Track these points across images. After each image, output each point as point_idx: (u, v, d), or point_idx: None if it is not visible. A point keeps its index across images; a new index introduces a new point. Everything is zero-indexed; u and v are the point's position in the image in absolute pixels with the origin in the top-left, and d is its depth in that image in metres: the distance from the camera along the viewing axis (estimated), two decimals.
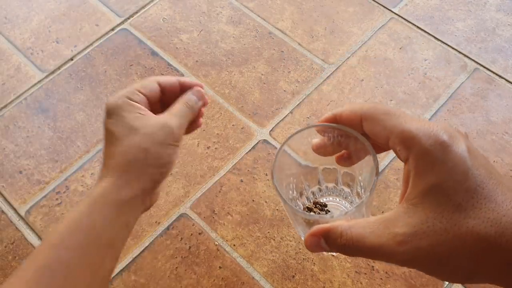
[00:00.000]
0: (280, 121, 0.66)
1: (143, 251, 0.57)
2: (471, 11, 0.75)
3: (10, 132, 0.66)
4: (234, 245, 0.57)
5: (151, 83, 0.36)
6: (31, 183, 0.62)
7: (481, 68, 0.70)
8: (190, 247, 0.57)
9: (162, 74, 0.70)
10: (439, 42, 0.72)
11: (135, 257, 0.56)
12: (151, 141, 0.33)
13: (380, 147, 0.27)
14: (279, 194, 0.28)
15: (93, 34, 0.74)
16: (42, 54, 0.72)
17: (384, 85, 0.68)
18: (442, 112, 0.66)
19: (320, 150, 0.29)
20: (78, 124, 0.66)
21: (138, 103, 0.35)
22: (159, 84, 0.37)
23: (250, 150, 0.63)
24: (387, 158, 0.63)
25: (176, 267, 0.55)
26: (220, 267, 0.55)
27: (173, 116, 0.35)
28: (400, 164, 0.62)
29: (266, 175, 0.54)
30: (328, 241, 0.24)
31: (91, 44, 0.73)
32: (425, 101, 0.67)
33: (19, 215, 0.60)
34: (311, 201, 0.35)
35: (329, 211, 0.33)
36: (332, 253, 0.29)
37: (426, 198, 0.23)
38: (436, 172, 0.22)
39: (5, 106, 0.68)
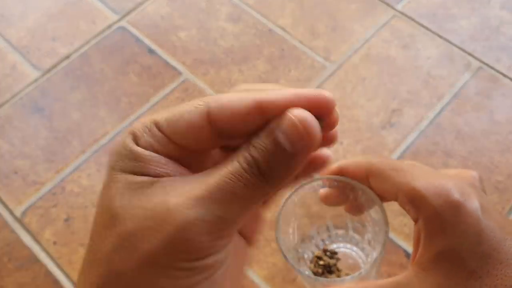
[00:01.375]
0: None
1: None
2: (475, 8, 0.74)
3: (5, 132, 0.65)
4: None
5: (200, 106, 0.18)
6: (27, 184, 0.61)
7: (485, 66, 0.69)
8: None
9: (160, 73, 0.69)
10: (442, 40, 0.71)
11: None
12: (129, 257, 0.16)
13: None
14: (284, 256, 0.27)
15: (89, 32, 0.73)
16: (38, 53, 0.71)
17: (387, 83, 0.67)
18: (446, 112, 0.65)
19: (328, 200, 0.28)
20: (75, 124, 0.65)
21: (147, 151, 0.18)
22: (221, 109, 0.18)
23: None
24: (390, 157, 0.62)
25: None
26: None
27: (207, 191, 0.17)
28: None
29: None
30: None
31: (88, 42, 0.72)
32: (429, 100, 0.66)
33: (14, 216, 0.59)
34: (321, 249, 0.34)
35: (339, 259, 0.33)
36: None
37: (437, 263, 0.21)
38: (447, 235, 0.21)
39: (0, 106, 0.67)
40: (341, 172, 0.26)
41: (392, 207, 0.42)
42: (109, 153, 0.19)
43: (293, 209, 0.29)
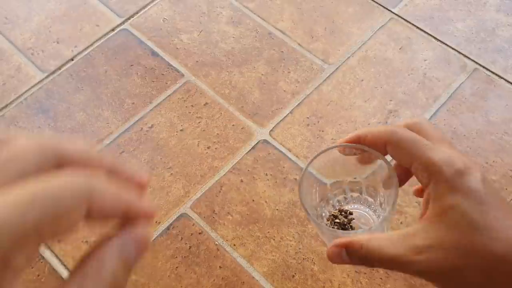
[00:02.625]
0: (280, 121, 0.66)
1: None
2: (471, 11, 0.75)
3: (11, 133, 0.66)
4: (234, 245, 0.57)
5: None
6: None
7: (481, 68, 0.70)
8: (190, 247, 0.57)
9: (163, 75, 0.70)
10: (438, 43, 0.72)
11: None
12: None
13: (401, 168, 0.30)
14: (307, 213, 0.31)
15: (93, 35, 0.74)
16: (42, 54, 0.72)
17: (384, 85, 0.69)
18: (442, 112, 0.66)
19: (361, 161, 0.31)
20: (79, 125, 0.66)
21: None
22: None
23: (250, 150, 0.63)
24: (387, 157, 0.63)
25: (176, 267, 0.56)
26: (220, 267, 0.55)
27: None
28: None
29: (266, 175, 0.54)
30: (349, 252, 0.26)
31: (92, 44, 0.73)
32: (425, 101, 0.67)
33: None
34: (337, 209, 0.37)
35: (353, 219, 0.36)
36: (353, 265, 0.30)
37: (443, 217, 0.25)
38: (453, 195, 0.25)
39: (5, 106, 0.68)
40: (359, 140, 0.29)
41: None
42: None
43: (315, 172, 0.32)
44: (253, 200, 0.60)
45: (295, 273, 0.55)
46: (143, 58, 0.71)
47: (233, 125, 0.65)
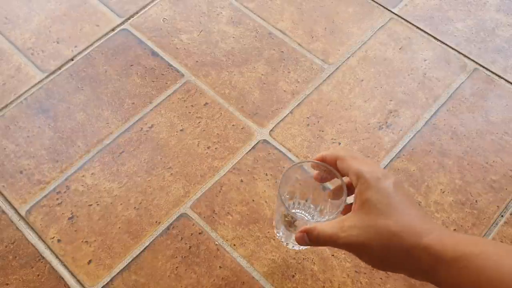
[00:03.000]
0: (280, 121, 0.66)
1: (143, 250, 0.57)
2: (471, 11, 0.76)
3: (11, 132, 0.66)
4: (234, 245, 0.57)
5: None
6: (32, 183, 0.62)
7: (481, 68, 0.70)
8: (190, 247, 0.57)
9: (163, 75, 0.70)
10: (438, 43, 0.72)
11: (135, 256, 0.56)
12: None
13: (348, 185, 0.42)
14: (282, 202, 0.43)
15: (93, 34, 0.74)
16: (42, 54, 0.72)
17: (384, 85, 0.69)
18: (442, 112, 0.66)
19: (317, 178, 0.44)
20: (79, 124, 0.66)
21: None
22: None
23: (250, 150, 0.63)
24: (387, 157, 0.63)
25: (176, 267, 0.56)
26: (220, 267, 0.55)
27: None
28: (399, 165, 0.62)
29: (266, 175, 0.54)
30: (308, 235, 0.38)
31: (92, 44, 0.73)
32: (425, 101, 0.67)
33: (19, 215, 0.60)
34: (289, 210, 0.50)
35: (296, 220, 0.47)
36: (310, 246, 0.47)
37: (362, 208, 0.36)
38: (369, 193, 0.36)
39: (5, 106, 0.68)
40: (321, 158, 0.42)
41: None
42: None
43: (287, 179, 0.46)
44: (253, 200, 0.60)
45: (295, 273, 0.55)
46: (143, 58, 0.71)
47: (233, 125, 0.66)
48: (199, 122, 0.66)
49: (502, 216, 0.59)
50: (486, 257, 0.29)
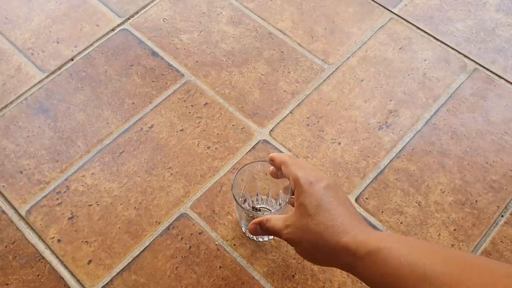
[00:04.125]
0: (280, 121, 0.66)
1: (143, 250, 0.57)
2: (471, 11, 0.76)
3: (11, 132, 0.66)
4: (234, 245, 0.57)
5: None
6: (32, 183, 0.62)
7: (481, 68, 0.70)
8: (190, 247, 0.57)
9: (163, 75, 0.70)
10: (438, 43, 0.72)
11: (136, 256, 0.56)
12: None
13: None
14: (236, 201, 0.50)
15: (93, 35, 0.74)
16: (42, 54, 0.72)
17: (384, 85, 0.69)
18: (442, 112, 0.66)
19: (272, 174, 0.50)
20: (79, 124, 0.66)
21: None
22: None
23: (250, 150, 0.63)
24: (387, 157, 0.63)
25: (176, 267, 0.56)
26: (220, 267, 0.55)
27: None
28: (399, 165, 0.62)
29: (266, 174, 0.54)
30: (260, 226, 0.45)
31: (92, 44, 0.73)
32: (425, 101, 0.67)
33: (19, 215, 0.60)
34: (251, 206, 0.57)
35: (259, 213, 0.55)
36: (261, 237, 0.56)
37: (297, 210, 0.42)
38: (302, 197, 0.41)
39: (5, 106, 0.68)
40: (271, 159, 0.48)
41: (390, 205, 0.49)
42: None
43: (241, 178, 0.52)
44: None
45: (295, 273, 0.55)
46: (143, 58, 0.71)
47: (233, 125, 0.66)
48: (199, 122, 0.66)
49: (502, 216, 0.59)
50: (389, 251, 0.34)
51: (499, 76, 0.69)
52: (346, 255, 0.37)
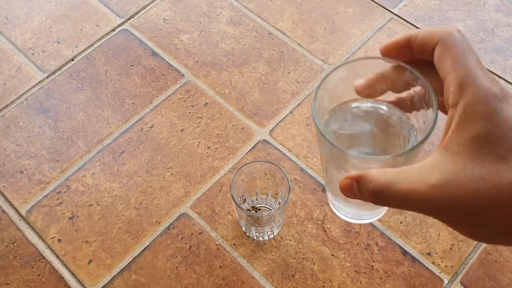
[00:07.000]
0: (280, 121, 0.66)
1: (143, 250, 0.57)
2: (470, 11, 0.76)
3: (11, 132, 0.66)
4: (234, 245, 0.57)
5: None
6: (32, 183, 0.62)
7: None
8: (190, 247, 0.57)
9: (163, 75, 0.70)
10: None
11: (136, 256, 0.57)
12: None
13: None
14: (235, 201, 0.49)
15: (93, 35, 0.74)
16: (43, 55, 0.72)
17: None
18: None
19: (367, 91, 0.27)
20: (79, 124, 0.66)
21: None
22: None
23: (250, 150, 0.63)
24: None
25: (177, 267, 0.56)
26: (220, 267, 0.56)
27: None
28: None
29: (266, 174, 0.54)
30: (359, 186, 0.24)
31: (92, 45, 0.73)
32: None
33: (20, 214, 0.60)
34: (250, 205, 0.57)
35: (260, 211, 0.55)
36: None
37: (468, 146, 0.21)
38: (485, 121, 0.21)
39: (6, 106, 0.68)
40: (408, 42, 0.26)
41: None
42: None
43: (240, 178, 0.52)
44: None
45: (295, 273, 0.55)
46: (143, 58, 0.71)
47: (233, 125, 0.66)
48: (199, 122, 0.66)
49: None
50: None
51: (499, 76, 0.69)
52: None
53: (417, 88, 0.25)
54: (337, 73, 0.26)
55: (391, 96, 0.27)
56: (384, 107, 0.28)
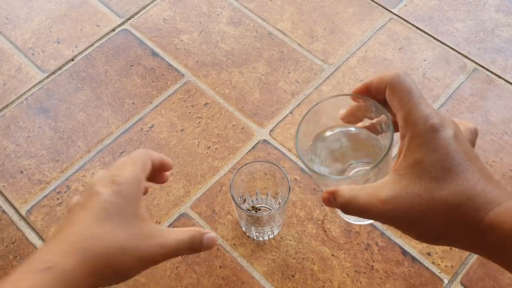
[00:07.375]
0: (280, 121, 0.66)
1: None
2: (470, 11, 0.76)
3: (11, 132, 0.66)
4: (234, 245, 0.57)
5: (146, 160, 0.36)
6: (32, 183, 0.62)
7: (480, 68, 0.70)
8: None
9: (163, 75, 0.70)
10: (438, 43, 0.72)
11: None
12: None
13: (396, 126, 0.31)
14: (235, 202, 0.50)
15: (93, 35, 0.74)
16: (43, 55, 0.72)
17: None
18: (441, 112, 0.66)
19: (348, 118, 0.32)
20: (79, 124, 0.66)
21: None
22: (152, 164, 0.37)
23: (250, 150, 0.63)
24: None
25: (177, 267, 0.56)
26: (220, 267, 0.56)
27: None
28: None
29: (265, 174, 0.54)
30: (334, 198, 0.29)
31: (92, 45, 0.73)
32: None
33: (20, 214, 0.60)
34: (251, 205, 0.57)
35: (260, 212, 0.57)
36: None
37: (410, 170, 0.27)
38: (423, 151, 0.27)
39: (6, 106, 0.68)
40: (366, 88, 0.30)
41: None
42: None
43: (240, 178, 0.53)
44: None
45: (295, 273, 0.55)
46: (144, 58, 0.71)
47: (233, 125, 0.66)
48: (199, 122, 0.66)
49: None
50: None
51: (499, 76, 0.69)
52: (494, 236, 0.26)
53: (382, 117, 0.30)
54: (316, 107, 0.32)
55: (366, 122, 0.33)
56: (353, 129, 0.34)
